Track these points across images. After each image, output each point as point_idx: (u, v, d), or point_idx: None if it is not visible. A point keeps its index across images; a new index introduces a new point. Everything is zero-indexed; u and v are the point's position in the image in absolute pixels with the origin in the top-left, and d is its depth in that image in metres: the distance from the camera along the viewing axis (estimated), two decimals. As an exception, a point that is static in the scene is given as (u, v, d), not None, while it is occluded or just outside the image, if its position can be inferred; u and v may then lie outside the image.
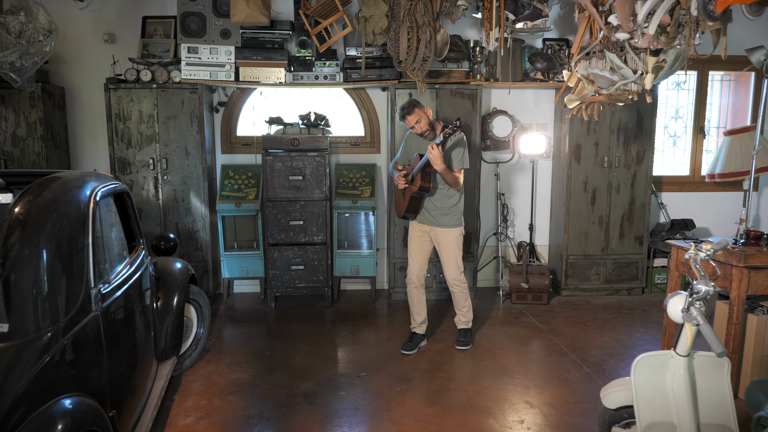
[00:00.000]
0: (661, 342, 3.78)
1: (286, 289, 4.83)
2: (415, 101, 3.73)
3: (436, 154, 3.48)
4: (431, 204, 3.78)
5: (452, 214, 3.79)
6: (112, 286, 2.18)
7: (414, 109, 3.68)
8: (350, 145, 5.34)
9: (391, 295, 5.12)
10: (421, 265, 3.91)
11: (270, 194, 4.71)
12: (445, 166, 3.55)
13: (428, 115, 3.74)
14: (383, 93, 5.26)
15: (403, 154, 4.00)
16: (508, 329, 4.38)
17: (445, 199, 3.77)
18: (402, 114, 3.71)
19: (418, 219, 3.88)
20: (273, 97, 5.31)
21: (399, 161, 4.03)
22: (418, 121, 3.69)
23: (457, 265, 3.83)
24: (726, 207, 5.70)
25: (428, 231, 3.86)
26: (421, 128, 3.71)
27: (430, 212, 3.80)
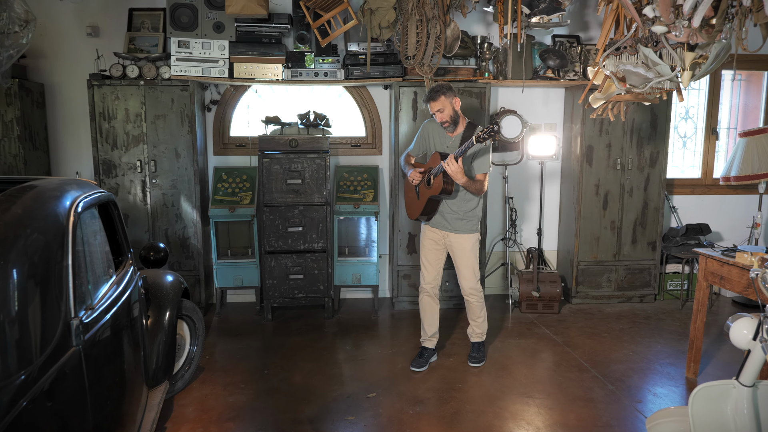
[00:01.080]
0: (687, 357, 3.55)
1: (283, 299, 4.54)
2: (447, 86, 3.38)
3: (454, 169, 3.19)
4: (447, 207, 3.52)
5: (469, 219, 3.53)
6: (97, 313, 1.89)
7: (440, 96, 3.35)
8: (350, 146, 5.06)
9: (395, 305, 4.85)
10: (437, 273, 3.65)
11: (267, 198, 4.42)
12: (467, 178, 3.27)
13: (455, 106, 3.42)
14: (386, 91, 4.99)
15: (417, 145, 3.69)
16: (522, 342, 4.13)
17: (462, 203, 3.50)
18: (428, 96, 3.39)
19: (431, 223, 3.61)
20: (269, 96, 5.02)
21: (412, 152, 3.73)
22: (441, 109, 3.38)
23: (474, 273, 3.57)
24: (738, 210, 5.51)
25: (442, 236, 3.60)
26: (442, 118, 3.41)
27: (444, 216, 3.54)
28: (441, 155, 3.38)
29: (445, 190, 3.37)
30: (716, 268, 3.30)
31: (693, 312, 3.48)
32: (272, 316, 4.59)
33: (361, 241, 4.99)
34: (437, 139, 3.58)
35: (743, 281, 3.10)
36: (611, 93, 3.14)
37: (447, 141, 3.53)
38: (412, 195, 3.67)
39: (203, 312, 4.62)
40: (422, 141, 3.67)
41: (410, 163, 3.71)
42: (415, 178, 3.51)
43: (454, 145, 3.47)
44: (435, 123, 3.57)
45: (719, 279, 3.29)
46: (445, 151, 3.46)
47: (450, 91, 3.39)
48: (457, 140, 3.48)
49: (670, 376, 3.56)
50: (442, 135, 3.55)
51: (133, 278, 2.49)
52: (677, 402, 3.25)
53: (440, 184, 3.35)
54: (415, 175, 3.52)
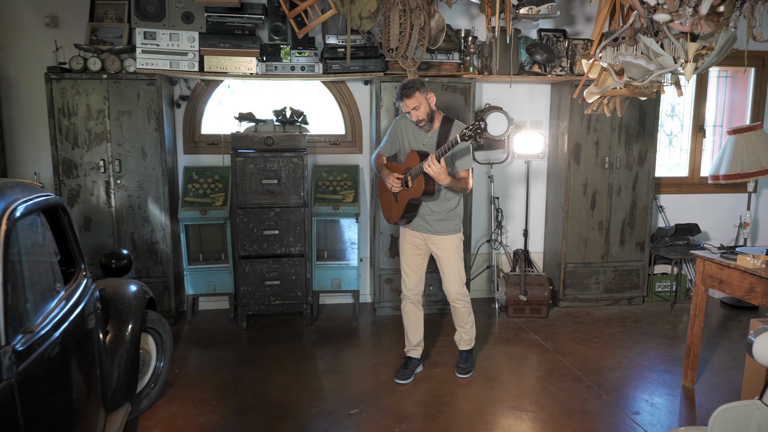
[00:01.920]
0: (684, 364, 3.40)
1: (259, 306, 4.28)
2: (420, 82, 3.15)
3: (437, 170, 2.96)
4: (426, 209, 3.29)
5: (450, 219, 3.31)
6: (38, 336, 1.63)
7: (415, 93, 3.11)
8: (329, 144, 4.82)
9: (376, 310, 4.63)
10: (419, 279, 3.43)
11: (240, 200, 4.16)
12: (451, 178, 3.06)
13: (430, 102, 3.20)
14: (366, 87, 4.76)
15: (389, 143, 3.44)
16: (510, 349, 3.94)
17: (443, 203, 3.28)
18: (400, 94, 3.12)
19: (411, 226, 3.39)
20: (242, 91, 4.75)
21: (384, 151, 3.49)
22: (417, 107, 3.13)
23: (459, 277, 3.36)
24: (725, 210, 5.42)
25: (424, 240, 3.38)
26: (418, 117, 3.18)
27: (424, 218, 3.31)
28: (419, 154, 3.15)
29: (427, 191, 3.14)
30: (715, 271, 3.15)
31: (690, 317, 3.33)
32: (247, 325, 4.33)
33: (341, 244, 4.76)
34: (411, 136, 3.33)
35: (745, 285, 2.95)
36: (607, 87, 2.96)
37: (423, 138, 3.29)
38: (389, 197, 3.43)
39: (173, 320, 4.35)
40: (394, 139, 3.41)
41: (383, 163, 3.45)
42: (395, 186, 3.27)
43: (431, 143, 3.24)
44: (406, 119, 3.34)
45: (718, 283, 3.14)
46: (421, 149, 3.24)
47: (423, 87, 3.16)
48: (434, 137, 3.25)
49: (667, 384, 3.41)
50: (417, 132, 3.31)
51: (87, 291, 2.22)
52: (676, 412, 3.09)
53: (421, 185, 3.12)
54: (394, 182, 3.27)
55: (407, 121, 3.34)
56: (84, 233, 4.14)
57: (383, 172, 3.38)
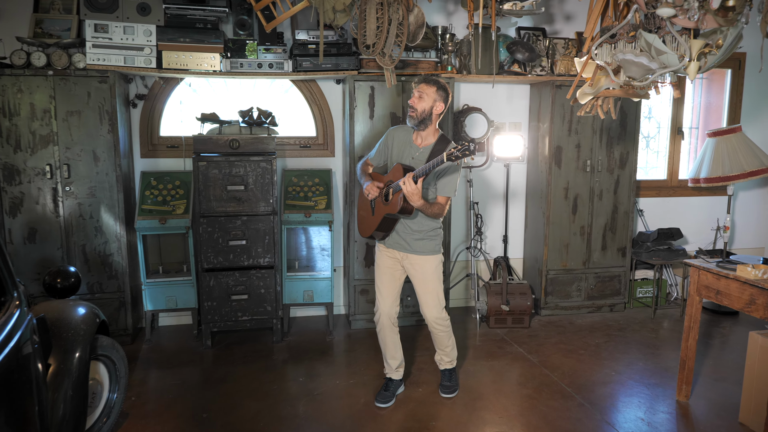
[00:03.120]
0: (678, 378, 3.24)
1: (225, 323, 3.96)
2: (444, 85, 2.94)
3: (410, 190, 2.72)
4: (405, 226, 3.03)
5: (431, 239, 3.06)
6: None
7: (433, 87, 2.89)
8: (299, 147, 4.53)
9: (351, 323, 4.36)
10: (393, 301, 3.16)
11: (204, 208, 3.83)
12: (423, 201, 2.80)
13: (436, 108, 2.92)
14: (338, 86, 4.49)
15: (379, 153, 3.19)
16: (495, 363, 3.73)
17: (424, 220, 3.01)
18: (424, 78, 2.94)
19: (387, 243, 3.11)
20: (205, 90, 4.42)
21: (372, 160, 3.24)
22: (422, 96, 2.89)
23: (438, 301, 3.10)
24: (703, 213, 5.35)
25: (400, 259, 3.12)
26: (414, 104, 2.91)
27: (402, 236, 3.04)
28: (404, 168, 2.89)
29: (404, 209, 2.87)
30: (711, 281, 3.00)
31: (684, 329, 3.18)
32: (212, 342, 4.00)
33: (314, 254, 4.48)
34: (402, 148, 3.07)
35: (744, 297, 2.80)
36: (601, 87, 2.78)
37: (413, 152, 3.03)
38: (366, 209, 3.16)
39: (130, 339, 3.99)
40: (384, 149, 3.16)
41: (367, 172, 3.20)
42: (372, 192, 3.02)
43: (420, 159, 2.98)
44: (402, 131, 3.11)
45: (715, 293, 2.99)
46: (410, 163, 2.98)
47: (444, 92, 2.94)
48: (425, 153, 2.98)
49: (660, 400, 3.25)
50: (409, 145, 3.05)
51: (21, 323, 1.89)
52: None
53: (399, 202, 2.85)
54: (371, 189, 3.02)
55: (401, 132, 3.11)
56: (28, 246, 3.75)
57: (364, 179, 3.13)
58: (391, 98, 4.15)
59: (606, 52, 2.56)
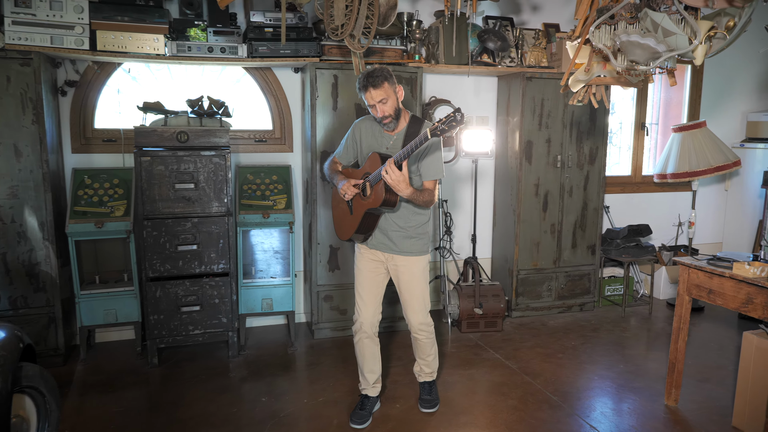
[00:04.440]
0: (667, 382, 3.10)
1: (174, 338, 3.53)
2: (388, 71, 2.62)
3: (396, 178, 2.43)
4: (391, 223, 2.75)
5: (419, 237, 2.79)
6: None
7: (383, 83, 2.56)
8: (254, 141, 4.14)
9: (314, 333, 4.02)
10: (376, 309, 2.86)
11: (148, 209, 3.39)
12: (412, 189, 2.52)
13: (399, 96, 2.67)
14: (296, 75, 4.13)
15: (346, 150, 2.90)
16: (474, 372, 3.49)
17: (411, 216, 2.75)
18: (365, 83, 2.57)
19: (369, 244, 2.82)
20: (147, 77, 3.96)
21: (340, 159, 2.94)
22: (384, 100, 2.59)
23: (424, 305, 2.84)
24: (665, 209, 5.32)
25: (384, 260, 2.83)
26: (384, 112, 2.62)
27: (387, 235, 2.77)
28: (381, 157, 2.61)
29: (387, 201, 2.58)
30: (703, 280, 2.86)
31: (673, 330, 3.03)
32: (159, 360, 3.56)
33: (273, 258, 4.09)
34: (372, 139, 2.78)
35: (741, 296, 2.67)
36: (593, 74, 2.57)
37: (386, 141, 2.74)
38: (343, 208, 2.86)
39: (62, 359, 3.50)
40: (353, 144, 2.86)
41: (337, 170, 2.89)
42: (349, 192, 2.71)
43: (395, 146, 2.70)
44: (368, 121, 2.82)
45: (707, 293, 2.85)
46: (385, 153, 2.69)
47: (392, 77, 2.62)
48: (399, 139, 2.71)
49: (648, 405, 3.09)
50: (379, 134, 2.76)
51: None
52: (670, 441, 2.77)
53: (381, 193, 2.56)
54: (348, 189, 2.70)
55: (368, 122, 2.82)
56: (-65, 256, 3.20)
57: (336, 178, 2.80)
58: (355, 88, 3.83)
59: (603, 34, 2.35)
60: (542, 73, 4.24)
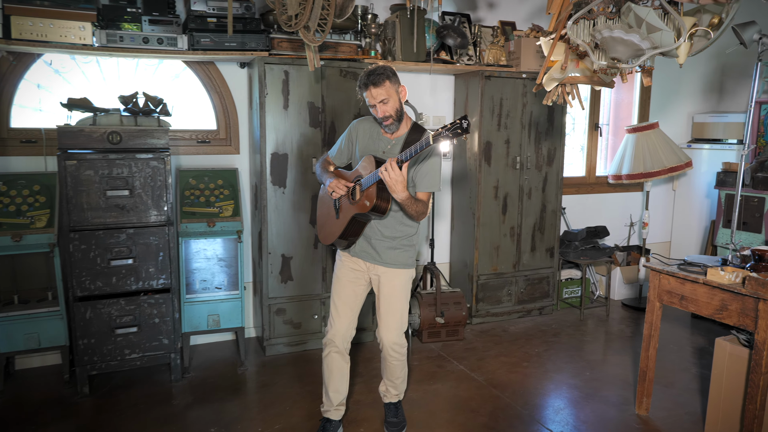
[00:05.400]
0: (638, 391, 3.01)
1: (107, 363, 3.15)
2: (391, 69, 2.43)
3: (395, 178, 2.23)
4: (376, 231, 2.53)
5: (405, 249, 2.58)
6: None
7: (384, 81, 2.37)
8: (196, 142, 3.79)
9: (266, 349, 3.72)
10: (351, 322, 2.63)
11: (75, 219, 3.00)
12: (408, 193, 2.32)
13: (402, 97, 2.48)
14: (242, 70, 3.82)
15: (341, 149, 2.70)
16: (439, 387, 3.30)
17: (398, 225, 2.54)
18: (366, 81, 2.38)
19: (352, 251, 2.61)
20: (72, 70, 3.54)
21: (334, 159, 2.73)
22: (385, 100, 2.39)
23: (401, 323, 2.62)
24: (617, 210, 5.34)
25: (365, 270, 2.61)
26: (385, 112, 2.42)
27: (372, 243, 2.55)
28: (377, 160, 2.41)
29: (378, 207, 2.38)
30: (675, 286, 2.78)
31: (644, 337, 2.95)
32: (90, 389, 3.17)
33: (220, 270, 3.76)
34: (369, 141, 2.59)
35: (714, 302, 2.59)
36: (567, 72, 2.42)
37: (384, 145, 2.55)
38: (328, 211, 2.65)
39: (-26, 394, 3.05)
40: (348, 145, 2.68)
41: (329, 170, 2.68)
42: (338, 190, 2.49)
43: (393, 151, 2.51)
44: (367, 122, 2.63)
45: (679, 299, 2.77)
46: (380, 157, 2.48)
47: (395, 76, 2.44)
48: (398, 144, 2.52)
49: (620, 416, 2.99)
50: (377, 137, 2.57)
51: None
52: (647, 455, 2.67)
53: (372, 198, 2.36)
54: (338, 186, 2.49)
55: (367, 123, 2.63)
56: None
57: (326, 177, 2.61)
58: (308, 85, 3.57)
59: (582, 29, 2.20)
60: (501, 72, 4.12)
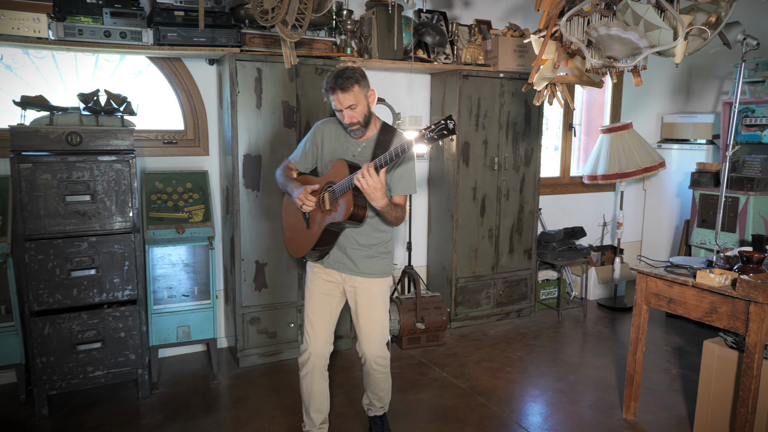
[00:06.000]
0: (625, 395, 2.97)
1: (68, 381, 2.92)
2: (360, 72, 2.27)
3: (373, 185, 2.09)
4: (351, 240, 2.38)
5: (382, 256, 2.44)
6: None
7: (353, 86, 2.21)
8: (162, 143, 3.58)
9: (239, 360, 3.54)
10: (328, 338, 2.48)
11: (31, 227, 2.77)
12: (388, 200, 2.19)
13: (371, 101, 2.32)
14: (211, 67, 3.63)
15: (305, 153, 2.51)
16: (423, 396, 3.19)
17: (373, 232, 2.39)
18: (333, 85, 2.21)
19: (325, 263, 2.44)
20: (26, 66, 3.28)
21: (297, 164, 2.53)
22: (353, 105, 2.24)
23: (383, 335, 2.49)
24: (591, 210, 5.35)
25: (340, 281, 2.46)
26: (352, 118, 2.26)
27: (346, 253, 2.40)
28: (349, 165, 2.26)
29: (355, 215, 2.24)
30: (663, 289, 2.74)
31: (631, 341, 2.91)
32: (49, 410, 2.94)
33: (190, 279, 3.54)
34: (337, 145, 2.43)
35: (704, 305, 2.56)
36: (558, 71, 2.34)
37: (353, 148, 2.39)
38: (297, 222, 2.48)
39: None
40: (313, 149, 2.49)
41: (292, 177, 2.51)
42: (308, 203, 2.33)
43: (364, 154, 2.36)
44: (331, 123, 2.47)
45: (667, 302, 2.74)
46: (352, 161, 2.33)
47: (365, 80, 2.28)
48: (368, 147, 2.37)
49: (608, 421, 2.95)
50: (345, 139, 2.41)
51: None
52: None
53: (349, 206, 2.22)
54: (307, 199, 2.32)
55: (332, 125, 2.46)
56: None
57: (291, 186, 2.43)
58: (282, 83, 3.41)
59: (576, 27, 2.12)
60: (479, 71, 4.04)
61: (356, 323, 2.48)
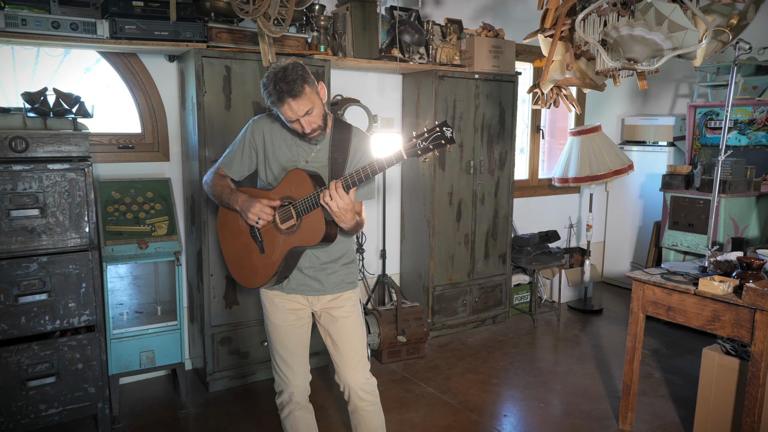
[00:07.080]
0: (621, 405, 2.90)
1: (17, 422, 2.55)
2: (303, 67, 1.88)
3: (344, 207, 1.83)
4: (312, 258, 2.08)
5: (346, 268, 2.15)
6: None
7: (304, 86, 1.85)
8: (117, 148, 3.23)
9: (208, 385, 3.25)
10: (305, 371, 2.20)
11: (-32, 248, 2.39)
12: (357, 219, 1.96)
13: (323, 97, 1.98)
14: (172, 65, 3.31)
15: (241, 158, 2.12)
16: (413, 416, 3.01)
17: (335, 246, 2.09)
18: (280, 94, 1.83)
19: (286, 288, 2.13)
20: (-46, 60, 2.87)
21: (230, 171, 2.14)
22: (310, 110, 1.89)
23: (364, 356, 2.18)
24: (557, 212, 5.34)
25: (308, 305, 2.16)
26: (312, 125, 1.93)
27: (308, 273, 2.09)
28: (311, 176, 1.95)
29: (329, 236, 1.95)
30: (661, 297, 2.68)
31: (627, 350, 2.84)
32: (-6, 455, 2.56)
33: (153, 298, 3.23)
34: (284, 148, 2.06)
35: (705, 313, 2.52)
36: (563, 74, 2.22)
37: (305, 153, 2.04)
38: (246, 244, 2.11)
39: None
40: (251, 153, 2.12)
41: (231, 187, 2.13)
42: (264, 215, 1.98)
43: (319, 159, 2.05)
44: (268, 120, 2.10)
45: (665, 310, 2.68)
46: (305, 167, 2.02)
47: (310, 75, 1.91)
48: (323, 150, 2.04)
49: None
50: (293, 141, 2.05)
51: None
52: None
53: (320, 225, 1.92)
54: (262, 211, 1.98)
55: (270, 123, 2.09)
56: None
57: (234, 198, 2.06)
58: (254, 82, 3.14)
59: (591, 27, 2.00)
60: (454, 72, 3.90)
61: (332, 349, 2.16)
